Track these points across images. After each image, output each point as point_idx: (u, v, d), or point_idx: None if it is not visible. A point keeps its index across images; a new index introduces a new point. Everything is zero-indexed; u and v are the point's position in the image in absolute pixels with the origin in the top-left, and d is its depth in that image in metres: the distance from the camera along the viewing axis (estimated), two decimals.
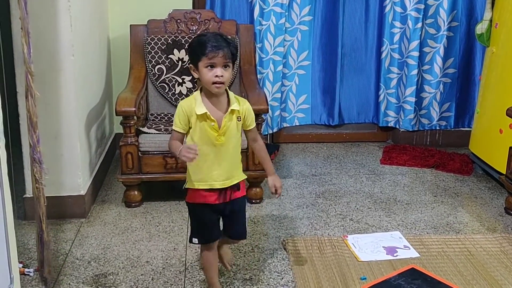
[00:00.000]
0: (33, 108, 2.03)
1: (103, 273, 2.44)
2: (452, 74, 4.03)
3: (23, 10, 1.95)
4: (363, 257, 2.55)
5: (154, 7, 3.66)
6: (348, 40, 3.99)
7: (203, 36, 2.03)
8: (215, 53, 1.96)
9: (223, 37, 2.02)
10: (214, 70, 1.97)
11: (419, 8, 3.84)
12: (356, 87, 4.10)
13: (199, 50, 1.98)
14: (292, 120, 4.11)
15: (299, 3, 3.85)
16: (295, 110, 4.09)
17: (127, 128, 2.97)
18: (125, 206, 3.09)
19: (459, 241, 2.72)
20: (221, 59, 1.97)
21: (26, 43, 1.96)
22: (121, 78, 3.61)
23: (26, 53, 1.97)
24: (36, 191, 2.10)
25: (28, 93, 2.02)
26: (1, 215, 1.76)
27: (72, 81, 2.78)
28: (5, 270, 1.81)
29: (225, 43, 1.99)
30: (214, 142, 2.04)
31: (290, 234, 2.80)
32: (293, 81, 4.02)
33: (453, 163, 3.75)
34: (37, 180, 2.09)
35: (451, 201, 3.23)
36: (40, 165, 2.08)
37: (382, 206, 3.14)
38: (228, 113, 2.05)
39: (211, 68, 1.98)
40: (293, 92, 4.04)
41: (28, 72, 2.00)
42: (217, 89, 2.00)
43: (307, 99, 4.08)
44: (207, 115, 2.02)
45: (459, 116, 4.13)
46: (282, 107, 4.03)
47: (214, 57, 1.96)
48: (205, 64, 1.97)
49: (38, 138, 2.07)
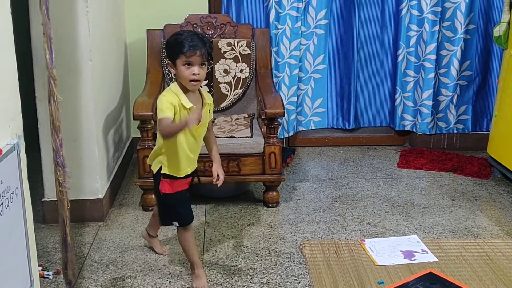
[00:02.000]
0: (56, 112, 2.04)
1: (121, 276, 2.45)
2: (468, 76, 4.00)
3: (45, 16, 1.96)
4: (381, 261, 2.53)
5: (171, 12, 3.68)
6: (364, 44, 3.97)
7: (180, 35, 2.14)
8: (192, 52, 2.08)
9: (200, 37, 2.14)
10: (192, 69, 2.10)
11: (436, 11, 3.81)
12: (372, 91, 4.08)
13: (177, 49, 2.11)
14: (308, 123, 4.09)
15: (315, 6, 3.83)
16: (311, 114, 4.08)
17: (144, 132, 2.98)
18: (143, 210, 3.10)
19: (478, 246, 2.69)
20: (198, 58, 2.10)
21: (48, 48, 1.98)
22: (138, 82, 3.63)
23: (48, 58, 1.99)
24: (60, 194, 2.11)
25: (51, 97, 2.03)
26: (21, 219, 1.78)
27: (90, 85, 2.81)
28: (25, 273, 1.83)
29: (202, 43, 2.11)
30: (193, 133, 2.20)
31: (307, 238, 2.79)
32: (309, 85, 4.00)
33: (471, 167, 3.72)
34: (60, 183, 2.10)
35: (469, 205, 3.19)
36: (63, 169, 2.10)
37: (399, 210, 3.12)
38: (206, 107, 2.22)
39: (188, 66, 2.10)
40: (309, 95, 4.03)
41: (51, 77, 2.02)
42: (194, 86, 2.14)
43: (323, 102, 4.06)
44: (194, 108, 2.15)
45: (477, 119, 4.09)
46: (298, 110, 4.02)
47: (191, 56, 2.09)
48: (182, 62, 2.10)
49: (61, 142, 2.09)
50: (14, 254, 1.74)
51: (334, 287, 2.33)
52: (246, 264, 2.54)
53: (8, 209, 1.66)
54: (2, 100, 1.70)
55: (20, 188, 1.76)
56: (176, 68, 2.13)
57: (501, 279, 2.39)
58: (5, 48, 1.73)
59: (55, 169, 2.11)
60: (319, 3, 3.84)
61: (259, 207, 3.13)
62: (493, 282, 2.37)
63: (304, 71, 3.96)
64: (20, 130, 1.83)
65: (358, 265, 2.50)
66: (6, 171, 1.64)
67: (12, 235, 1.71)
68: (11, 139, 1.73)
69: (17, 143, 1.75)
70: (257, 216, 3.03)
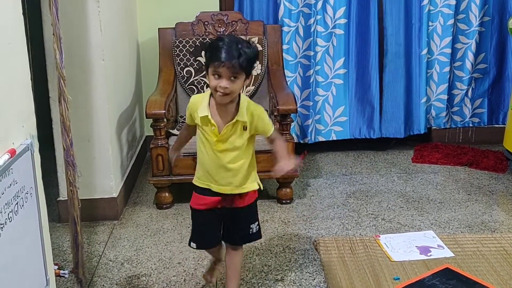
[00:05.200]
0: (66, 112, 2.06)
1: (136, 274, 2.46)
2: (483, 69, 3.95)
3: (54, 16, 1.98)
4: (396, 257, 2.52)
5: (182, 10, 3.69)
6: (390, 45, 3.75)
7: (218, 41, 1.92)
8: (222, 63, 1.86)
9: (238, 46, 1.88)
10: (219, 81, 1.88)
11: (450, 4, 3.75)
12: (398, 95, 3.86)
13: (209, 56, 1.92)
14: (328, 134, 3.86)
15: (333, 4, 3.63)
16: (332, 123, 3.85)
17: (157, 130, 2.99)
18: (157, 208, 3.12)
19: (495, 240, 2.66)
20: (227, 71, 1.87)
21: (58, 48, 1.99)
22: (151, 81, 3.65)
23: (59, 58, 2.00)
24: (70, 193, 2.13)
25: (61, 97, 2.05)
26: (36, 218, 1.79)
27: (102, 84, 2.82)
28: (41, 272, 1.84)
29: (237, 54, 1.86)
30: (213, 147, 1.99)
31: (321, 234, 2.78)
32: (329, 91, 3.79)
33: (487, 161, 3.68)
34: (71, 182, 2.12)
35: (485, 199, 3.16)
36: (74, 168, 2.11)
37: (414, 205, 3.09)
38: (232, 123, 1.96)
39: (218, 77, 1.89)
40: (330, 103, 3.80)
41: (61, 77, 2.03)
42: (220, 98, 1.92)
43: (345, 110, 3.83)
44: (208, 119, 1.96)
45: (493, 112, 4.04)
46: (317, 118, 3.82)
47: (219, 67, 1.87)
48: (212, 72, 1.90)
49: (71, 141, 2.10)
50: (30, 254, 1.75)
51: (349, 284, 2.32)
52: (261, 261, 2.54)
53: (23, 209, 1.67)
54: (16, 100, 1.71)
55: (34, 187, 1.77)
56: (208, 75, 1.94)
57: None
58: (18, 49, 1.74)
59: (65, 168, 2.13)
60: (337, 0, 3.64)
61: (272, 204, 3.13)
62: (511, 276, 2.34)
63: (323, 75, 3.77)
64: (33, 130, 1.84)
65: (373, 261, 2.49)
66: (20, 171, 1.65)
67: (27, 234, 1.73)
68: (25, 139, 1.74)
69: (31, 143, 1.76)
70: (270, 213, 3.03)
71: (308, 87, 3.79)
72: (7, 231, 1.55)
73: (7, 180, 1.56)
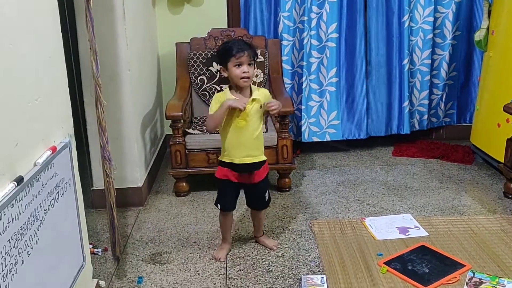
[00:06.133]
0: (102, 114, 2.06)
1: (159, 252, 2.47)
2: (454, 76, 3.93)
3: (91, 33, 1.98)
4: (379, 236, 2.52)
5: (196, 27, 3.68)
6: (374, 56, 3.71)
7: (228, 43, 2.22)
8: (241, 53, 2.12)
9: (244, 41, 2.21)
10: (242, 68, 2.12)
11: (429, 21, 3.71)
12: (382, 100, 3.80)
13: (228, 53, 2.14)
14: (323, 135, 3.77)
15: (326, 20, 3.60)
16: (326, 126, 3.78)
17: (176, 130, 3.00)
18: (175, 196, 3.12)
19: (463, 222, 2.66)
20: (246, 58, 2.13)
21: (94, 60, 1.99)
22: (169, 88, 3.65)
23: (95, 69, 2.00)
24: (107, 184, 2.13)
25: (98, 102, 2.05)
26: (74, 205, 1.81)
27: (129, 91, 2.83)
28: (79, 250, 1.86)
29: (247, 46, 2.16)
30: (237, 125, 2.17)
31: (315, 217, 2.79)
32: (324, 98, 3.74)
33: (456, 154, 3.67)
34: (107, 174, 2.12)
35: (455, 187, 3.16)
36: (110, 162, 2.12)
37: (394, 192, 3.09)
38: (251, 99, 2.17)
39: (239, 66, 2.12)
40: (325, 108, 3.75)
41: (97, 85, 2.03)
42: (245, 83, 2.15)
43: (337, 115, 3.74)
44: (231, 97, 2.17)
45: (461, 112, 4.02)
46: (312, 121, 3.74)
47: (241, 57, 2.12)
48: (233, 64, 2.13)
49: (107, 140, 2.11)
50: (69, 234, 1.77)
51: (339, 259, 2.33)
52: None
53: (63, 197, 1.69)
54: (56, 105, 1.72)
55: (72, 179, 1.78)
56: (228, 70, 2.15)
57: (484, 250, 2.37)
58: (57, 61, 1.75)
59: (102, 163, 2.13)
60: (329, 17, 3.57)
61: (274, 192, 3.13)
62: (478, 253, 2.35)
63: (318, 83, 3.69)
64: (71, 130, 1.85)
65: (360, 240, 2.49)
66: (60, 165, 1.67)
67: (67, 218, 1.74)
68: (64, 138, 1.76)
69: (69, 141, 1.77)
70: (272, 199, 3.01)
71: (300, 93, 3.74)
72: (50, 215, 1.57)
73: (49, 172, 1.57)
